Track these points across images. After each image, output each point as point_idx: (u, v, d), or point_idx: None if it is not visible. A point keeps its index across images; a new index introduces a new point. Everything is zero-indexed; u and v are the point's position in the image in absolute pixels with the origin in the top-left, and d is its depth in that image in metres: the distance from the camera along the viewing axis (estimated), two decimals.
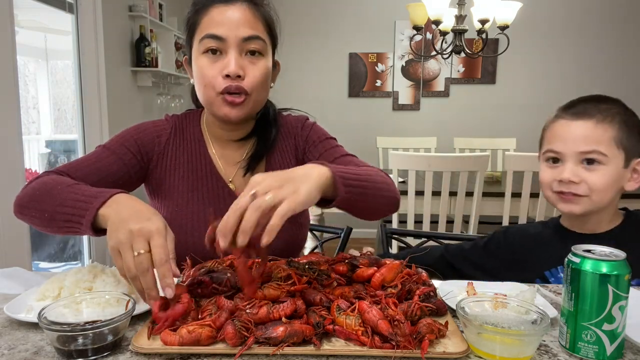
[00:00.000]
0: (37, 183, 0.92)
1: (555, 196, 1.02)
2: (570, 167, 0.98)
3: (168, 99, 3.77)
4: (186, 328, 0.66)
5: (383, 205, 0.95)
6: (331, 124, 4.49)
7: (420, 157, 2.38)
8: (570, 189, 0.98)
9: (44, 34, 4.23)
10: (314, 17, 4.45)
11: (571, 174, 0.98)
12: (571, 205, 1.00)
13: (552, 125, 1.04)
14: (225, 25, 0.98)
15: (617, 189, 1.00)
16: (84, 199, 0.82)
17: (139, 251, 0.69)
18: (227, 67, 0.97)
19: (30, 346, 0.69)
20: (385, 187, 0.95)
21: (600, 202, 0.99)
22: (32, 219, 0.90)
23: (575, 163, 0.98)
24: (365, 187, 0.86)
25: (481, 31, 2.78)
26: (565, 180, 0.98)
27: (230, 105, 1.00)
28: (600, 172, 0.97)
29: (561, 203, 1.02)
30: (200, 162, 1.11)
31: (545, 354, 0.69)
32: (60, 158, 3.84)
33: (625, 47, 4.32)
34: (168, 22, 3.60)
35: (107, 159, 1.03)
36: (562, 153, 1.00)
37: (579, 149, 0.97)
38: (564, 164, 1.00)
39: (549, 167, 1.04)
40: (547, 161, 1.04)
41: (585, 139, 0.97)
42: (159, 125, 1.12)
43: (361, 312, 0.69)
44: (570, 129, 0.99)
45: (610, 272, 0.64)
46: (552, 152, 1.02)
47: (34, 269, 2.31)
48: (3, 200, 2.02)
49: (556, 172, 1.01)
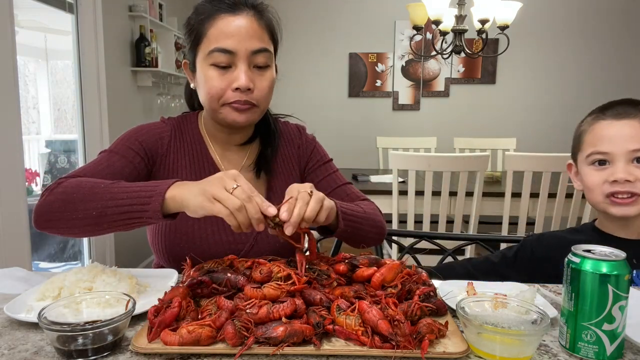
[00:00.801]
0: (65, 187, 0.88)
1: (607, 200, 0.99)
2: (622, 167, 0.96)
3: (168, 99, 3.77)
4: (186, 328, 0.66)
5: (372, 239, 1.06)
6: (331, 124, 4.53)
7: (420, 157, 2.38)
8: (626, 188, 0.96)
9: (44, 34, 4.23)
10: (314, 17, 4.45)
11: (625, 173, 0.95)
12: (626, 207, 0.97)
13: (592, 127, 1.02)
14: (234, 37, 0.97)
15: None
16: (145, 188, 0.83)
17: (232, 187, 0.77)
18: (237, 80, 0.98)
19: (30, 346, 0.69)
20: (376, 223, 1.06)
21: None
22: (71, 223, 0.86)
23: (627, 162, 0.96)
24: (361, 223, 0.99)
25: (481, 31, 2.78)
26: (620, 180, 0.96)
27: (238, 111, 1.01)
28: None
29: (614, 207, 0.99)
30: (203, 165, 1.11)
31: (545, 354, 0.69)
32: (60, 158, 3.84)
33: (625, 47, 4.32)
34: (168, 22, 3.60)
35: (117, 162, 1.01)
36: (612, 153, 0.97)
37: (630, 148, 0.96)
38: (614, 164, 0.97)
39: (596, 169, 1.00)
40: (593, 164, 1.01)
41: (634, 138, 0.96)
42: (158, 127, 1.11)
43: (361, 312, 0.69)
44: (617, 129, 0.98)
45: (610, 272, 0.64)
46: (600, 153, 0.99)
47: (34, 269, 2.31)
48: (3, 200, 2.02)
49: (606, 173, 0.98)
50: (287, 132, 1.20)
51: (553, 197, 2.32)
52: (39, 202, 0.90)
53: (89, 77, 2.83)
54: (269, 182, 1.15)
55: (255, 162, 1.14)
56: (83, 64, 2.82)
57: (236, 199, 0.75)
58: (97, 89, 2.84)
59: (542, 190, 2.29)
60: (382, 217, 1.11)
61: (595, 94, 4.30)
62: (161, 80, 3.64)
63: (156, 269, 1.06)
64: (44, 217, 0.88)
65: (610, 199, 0.99)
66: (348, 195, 1.14)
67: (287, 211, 0.78)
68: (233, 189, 0.76)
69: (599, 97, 5.05)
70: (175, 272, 0.97)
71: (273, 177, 1.15)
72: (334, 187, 1.16)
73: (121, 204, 0.83)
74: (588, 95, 4.32)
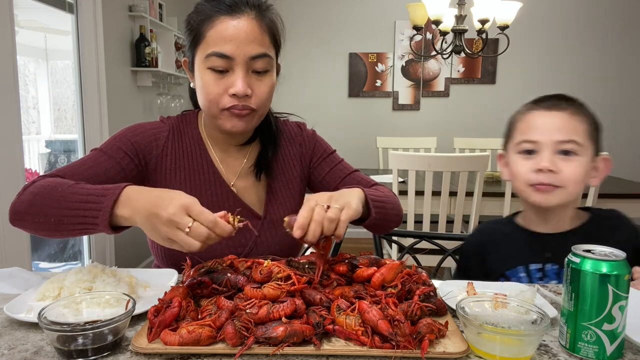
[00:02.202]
0: (35, 187, 0.88)
1: (530, 188, 1.01)
2: (547, 156, 0.98)
3: (168, 99, 3.77)
4: (186, 328, 0.66)
5: (395, 223, 1.08)
6: (331, 124, 4.52)
7: (420, 157, 2.38)
8: (549, 180, 0.98)
9: (44, 34, 4.23)
10: (314, 17, 4.45)
11: (550, 163, 0.97)
12: (547, 195, 0.99)
13: (524, 117, 1.04)
14: (233, 42, 0.94)
15: (586, 183, 1.01)
16: (92, 199, 0.81)
17: (187, 227, 0.72)
18: (234, 86, 0.95)
19: (30, 346, 0.69)
20: (397, 207, 1.08)
21: (574, 193, 1.00)
22: (35, 225, 0.86)
23: (553, 153, 0.98)
24: (387, 208, 1.00)
25: (481, 31, 2.78)
26: (544, 169, 0.97)
27: (237, 117, 0.99)
28: (575, 162, 0.98)
29: (536, 194, 1.00)
30: (202, 166, 1.09)
31: (545, 354, 0.69)
32: (60, 158, 3.84)
33: (625, 47, 4.32)
34: (168, 22, 3.60)
35: (104, 163, 0.99)
36: (539, 142, 0.99)
37: (557, 138, 0.97)
38: (541, 153, 0.99)
39: (524, 158, 1.02)
40: (521, 153, 1.03)
41: (561, 129, 0.98)
42: (155, 128, 1.09)
43: (361, 312, 0.69)
44: (546, 119, 1.00)
45: (610, 272, 0.64)
46: (529, 142, 1.01)
47: (34, 269, 2.31)
48: (3, 200, 2.02)
49: (532, 162, 1.00)
50: (287, 131, 1.19)
51: None
52: (14, 199, 0.91)
53: (89, 77, 2.83)
54: (269, 184, 1.13)
55: (255, 164, 1.12)
56: (83, 64, 2.82)
57: (195, 241, 0.72)
58: (97, 89, 2.84)
59: None
60: (398, 199, 1.11)
61: (595, 94, 4.30)
62: (161, 80, 3.64)
63: (156, 269, 1.06)
64: (15, 216, 0.89)
65: (534, 187, 1.00)
66: (359, 182, 1.12)
67: (300, 228, 0.77)
68: (189, 228, 0.72)
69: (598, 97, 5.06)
70: (175, 272, 0.97)
71: (273, 179, 1.14)
72: (342, 176, 1.15)
73: (76, 214, 0.81)
74: (588, 95, 4.30)
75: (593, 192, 2.28)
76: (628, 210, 2.77)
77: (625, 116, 4.37)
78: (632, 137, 4.38)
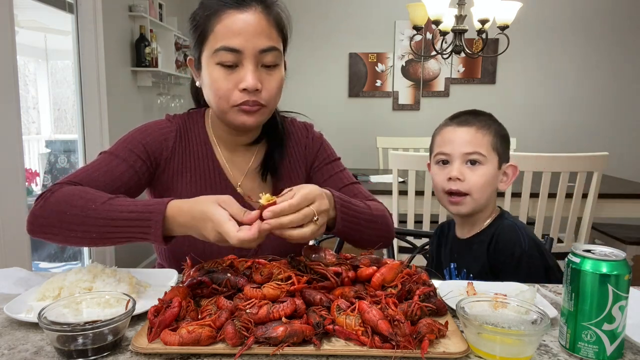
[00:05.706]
0: (59, 198, 0.87)
1: (446, 198, 1.16)
2: (457, 166, 1.13)
3: (168, 99, 3.77)
4: (186, 328, 0.66)
5: (374, 242, 1.02)
6: (331, 124, 4.52)
7: (420, 157, 2.38)
8: (457, 186, 1.13)
9: (44, 34, 4.23)
10: (314, 17, 4.45)
11: (457, 172, 1.13)
12: (458, 206, 1.15)
13: (441, 132, 1.19)
14: (242, 35, 0.93)
15: (493, 188, 1.15)
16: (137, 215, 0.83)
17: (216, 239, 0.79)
18: (244, 81, 0.94)
19: (30, 346, 0.69)
20: (381, 225, 1.04)
21: (480, 199, 1.13)
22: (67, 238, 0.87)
23: (461, 163, 1.13)
24: (361, 224, 0.97)
25: (481, 31, 2.78)
26: (453, 177, 1.13)
27: (247, 114, 0.98)
28: (480, 171, 1.13)
29: (450, 205, 1.16)
30: (208, 167, 1.08)
31: (545, 354, 0.69)
32: (60, 158, 3.84)
33: (625, 47, 4.32)
34: (168, 22, 3.60)
35: (118, 167, 0.98)
36: (451, 155, 1.14)
37: (464, 151, 1.13)
38: (452, 164, 1.14)
39: (440, 168, 1.18)
40: (438, 164, 1.18)
41: (468, 143, 1.13)
42: (164, 128, 1.08)
43: (361, 312, 0.69)
44: (457, 134, 1.15)
45: (610, 272, 0.65)
46: (443, 154, 1.16)
47: (34, 269, 2.31)
48: (3, 200, 2.02)
49: (446, 172, 1.15)
50: (293, 132, 1.17)
51: (553, 197, 2.32)
52: (34, 211, 0.89)
53: (89, 77, 2.83)
54: (275, 185, 1.12)
55: (262, 165, 1.12)
56: (83, 64, 2.82)
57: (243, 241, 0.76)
58: (97, 89, 2.84)
59: (542, 190, 2.29)
60: (390, 219, 1.08)
61: (595, 94, 4.30)
62: (161, 80, 3.64)
63: (156, 269, 1.06)
64: (40, 229, 0.88)
65: (449, 199, 1.16)
66: (355, 195, 1.10)
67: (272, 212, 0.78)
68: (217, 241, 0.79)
69: (598, 97, 5.05)
70: (175, 272, 0.97)
71: (279, 179, 1.13)
72: (340, 186, 1.12)
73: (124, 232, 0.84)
74: (588, 95, 4.32)
75: (593, 192, 2.28)
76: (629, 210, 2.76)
77: (625, 116, 4.37)
78: (632, 137, 4.38)
